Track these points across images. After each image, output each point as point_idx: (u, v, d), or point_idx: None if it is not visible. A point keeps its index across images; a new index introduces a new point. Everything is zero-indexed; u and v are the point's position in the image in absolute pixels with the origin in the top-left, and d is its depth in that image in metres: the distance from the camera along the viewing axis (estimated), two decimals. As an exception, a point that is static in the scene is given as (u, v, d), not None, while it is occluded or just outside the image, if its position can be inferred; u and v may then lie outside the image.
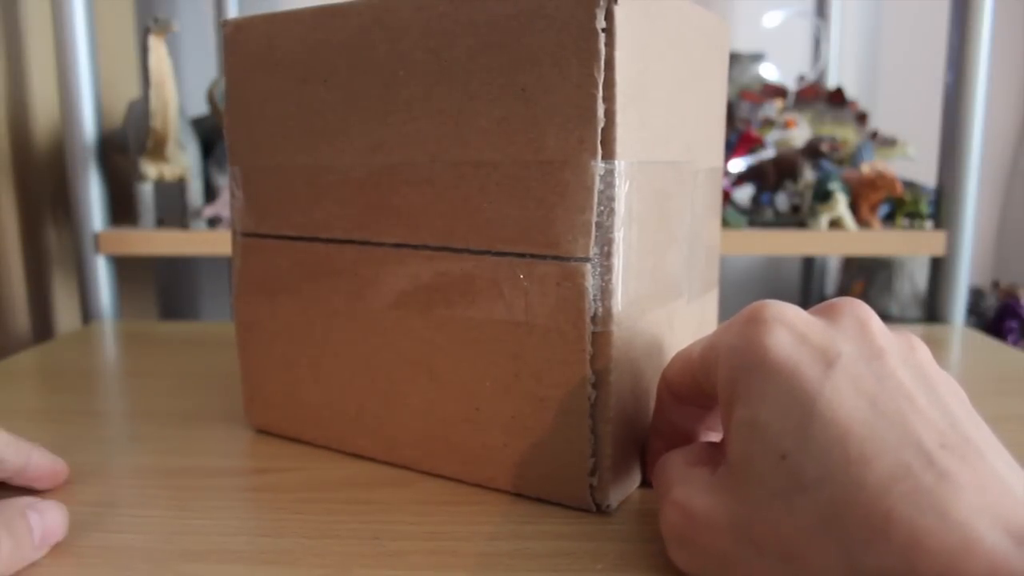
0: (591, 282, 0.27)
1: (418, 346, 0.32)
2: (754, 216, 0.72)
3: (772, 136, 0.72)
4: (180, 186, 0.67)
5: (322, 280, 0.34)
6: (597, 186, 0.27)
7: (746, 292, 1.01)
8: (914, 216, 0.68)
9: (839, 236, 0.66)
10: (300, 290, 0.35)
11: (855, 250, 0.68)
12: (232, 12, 0.91)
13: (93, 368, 0.52)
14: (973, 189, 0.65)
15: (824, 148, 0.68)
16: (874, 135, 0.73)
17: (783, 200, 0.73)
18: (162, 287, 0.95)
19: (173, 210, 0.70)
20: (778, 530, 0.20)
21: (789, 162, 0.70)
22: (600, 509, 0.29)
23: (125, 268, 0.74)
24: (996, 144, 0.97)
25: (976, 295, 0.86)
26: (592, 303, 0.27)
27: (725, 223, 0.66)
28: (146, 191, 0.67)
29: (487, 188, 0.29)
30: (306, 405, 0.36)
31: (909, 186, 0.69)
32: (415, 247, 0.31)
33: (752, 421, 0.22)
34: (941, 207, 0.66)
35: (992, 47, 0.63)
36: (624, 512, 0.30)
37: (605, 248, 0.27)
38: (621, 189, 0.27)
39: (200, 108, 0.86)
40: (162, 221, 0.71)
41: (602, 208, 0.27)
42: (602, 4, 0.25)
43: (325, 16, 0.32)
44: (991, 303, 0.85)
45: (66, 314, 0.74)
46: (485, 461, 0.31)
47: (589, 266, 0.27)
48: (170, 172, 0.66)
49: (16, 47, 0.67)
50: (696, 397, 0.27)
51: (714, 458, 0.25)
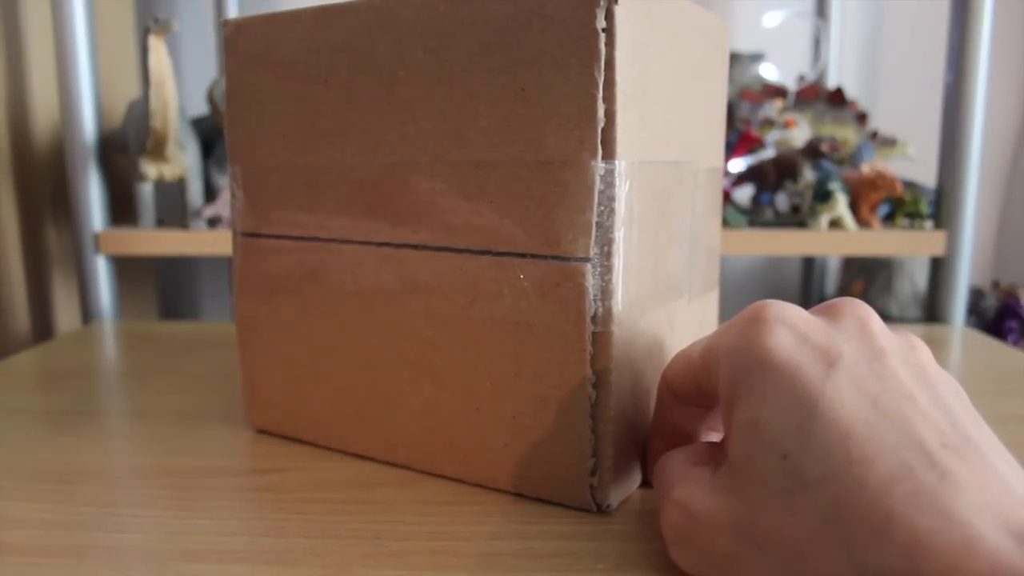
0: (591, 282, 0.27)
1: (418, 346, 0.32)
2: (754, 216, 0.72)
3: (772, 136, 0.72)
4: (180, 186, 0.68)
5: (322, 280, 0.34)
6: (597, 186, 0.27)
7: (746, 292, 1.01)
8: (914, 216, 0.68)
9: (839, 236, 0.66)
10: (300, 290, 0.35)
11: (855, 250, 0.68)
12: (232, 12, 0.91)
13: (93, 368, 0.52)
14: (973, 189, 0.65)
15: (824, 148, 0.68)
16: (874, 135, 0.73)
17: (783, 200, 0.73)
18: (162, 287, 0.95)
19: (173, 210, 0.70)
20: (780, 530, 0.20)
21: (789, 162, 0.70)
22: (601, 509, 0.29)
23: (125, 268, 0.74)
24: (996, 144, 0.97)
25: (976, 295, 0.86)
26: (592, 303, 0.27)
27: (725, 223, 0.66)
28: (146, 191, 0.67)
29: (487, 188, 0.29)
30: (306, 405, 0.36)
31: (909, 186, 0.69)
32: (415, 247, 0.31)
33: (753, 421, 0.22)
34: (941, 207, 0.66)
35: (992, 47, 0.63)
36: (625, 512, 0.30)
37: (605, 248, 0.27)
38: (621, 189, 0.27)
39: (200, 108, 0.86)
40: (162, 221, 0.71)
41: (602, 208, 0.27)
42: (602, 4, 0.25)
43: (325, 16, 0.32)
44: (991, 303, 0.85)
45: (66, 314, 0.74)
46: (486, 461, 0.31)
47: (589, 266, 0.27)
48: (170, 172, 0.66)
49: (16, 47, 0.67)
50: (697, 397, 0.27)
51: (715, 458, 0.25)
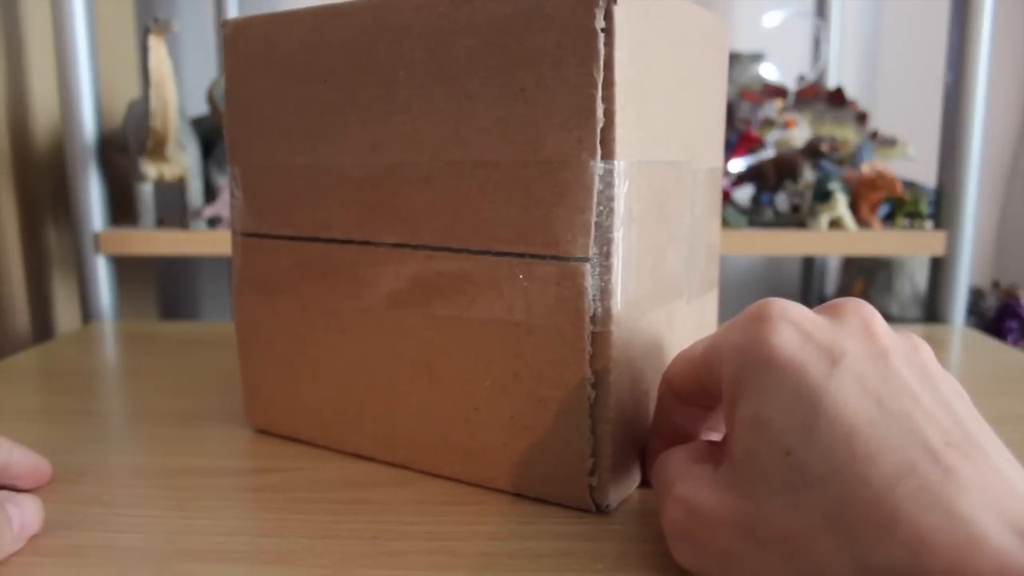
0: (590, 282, 0.27)
1: (418, 346, 0.32)
2: (754, 216, 0.72)
3: (772, 136, 0.72)
4: (180, 186, 0.68)
5: (322, 280, 0.34)
6: (596, 186, 0.27)
7: (746, 292, 1.01)
8: (914, 216, 0.68)
9: (839, 236, 0.66)
10: (300, 290, 0.35)
11: (855, 250, 0.68)
12: (232, 12, 0.91)
13: (93, 368, 0.52)
14: (973, 189, 0.65)
15: (824, 148, 0.68)
16: (874, 135, 0.73)
17: (783, 200, 0.73)
18: (162, 287, 0.95)
19: (173, 210, 0.70)
20: (783, 526, 0.20)
21: (789, 162, 0.70)
22: (600, 509, 0.29)
23: (125, 268, 0.74)
24: (996, 144, 0.97)
25: (976, 295, 0.86)
26: (591, 303, 0.27)
27: (725, 223, 0.66)
28: (146, 191, 0.67)
29: (486, 188, 0.29)
30: (306, 405, 0.36)
31: (909, 186, 0.69)
32: (415, 247, 0.31)
33: (757, 417, 0.22)
34: (941, 207, 0.66)
35: (992, 47, 0.63)
36: (624, 512, 0.30)
37: (604, 248, 0.27)
38: (620, 189, 0.27)
39: (200, 108, 0.86)
40: (162, 221, 0.71)
41: (601, 208, 0.27)
42: (601, 4, 0.25)
43: (325, 16, 0.32)
44: (991, 303, 0.85)
45: (66, 314, 0.74)
46: (485, 461, 0.31)
47: (588, 266, 0.27)
48: (170, 172, 0.66)
49: (16, 47, 0.67)
50: (699, 397, 0.27)
51: (715, 456, 0.25)
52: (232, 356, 0.39)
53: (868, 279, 0.87)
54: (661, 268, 0.31)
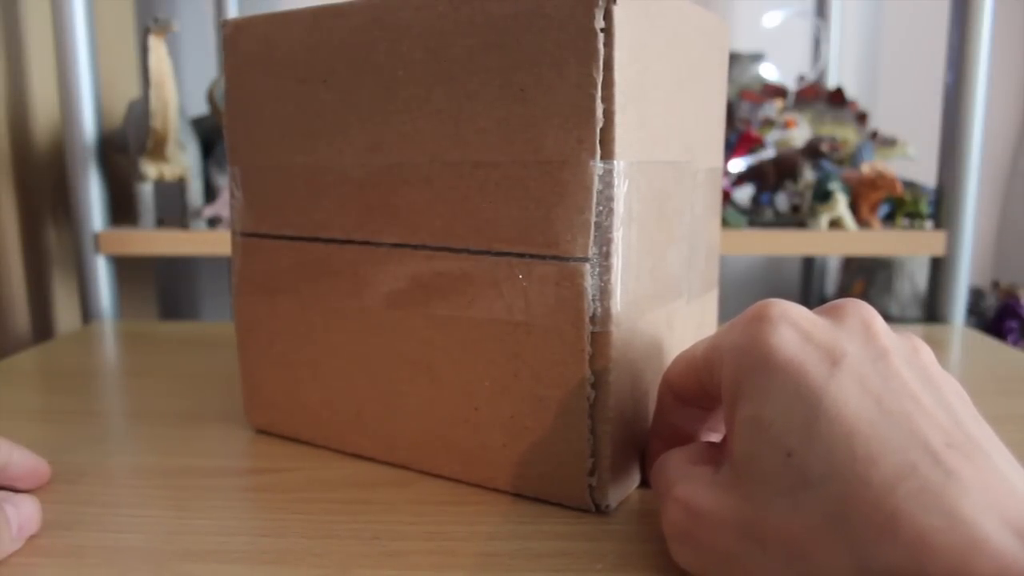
0: (590, 282, 0.27)
1: (417, 346, 0.32)
2: (754, 216, 0.71)
3: (772, 136, 0.72)
4: (180, 186, 0.68)
5: (322, 280, 0.34)
6: (596, 186, 0.27)
7: (746, 292, 1.01)
8: (914, 216, 0.68)
9: (839, 236, 0.66)
10: (300, 290, 0.35)
11: (855, 250, 0.68)
12: (232, 12, 0.91)
13: (93, 368, 0.52)
14: (973, 189, 0.65)
15: (824, 148, 0.68)
16: (874, 135, 0.73)
17: (783, 200, 0.73)
18: (162, 287, 0.95)
19: (173, 210, 0.70)
20: (783, 528, 0.20)
21: (789, 162, 0.70)
22: (599, 509, 0.29)
23: (125, 268, 0.74)
24: (996, 144, 0.97)
25: (976, 295, 0.86)
26: (591, 303, 0.27)
27: (725, 223, 0.66)
28: (146, 191, 0.67)
29: (486, 188, 0.29)
30: (306, 405, 0.36)
31: (909, 186, 0.69)
32: (414, 247, 0.31)
33: (757, 418, 0.22)
34: (941, 207, 0.66)
35: (992, 47, 0.63)
36: (623, 512, 0.30)
37: (604, 248, 0.27)
38: (620, 189, 0.27)
39: (200, 108, 0.86)
40: (162, 221, 0.71)
41: (601, 208, 0.27)
42: (601, 4, 0.25)
43: (325, 16, 0.32)
44: (991, 303, 0.85)
45: (66, 314, 0.74)
46: (484, 461, 0.31)
47: (588, 266, 0.27)
48: (170, 172, 0.66)
49: (16, 47, 0.67)
50: (699, 398, 0.27)
51: (715, 457, 0.25)
52: (232, 356, 0.39)
53: (868, 279, 0.87)
54: (661, 268, 0.31)
